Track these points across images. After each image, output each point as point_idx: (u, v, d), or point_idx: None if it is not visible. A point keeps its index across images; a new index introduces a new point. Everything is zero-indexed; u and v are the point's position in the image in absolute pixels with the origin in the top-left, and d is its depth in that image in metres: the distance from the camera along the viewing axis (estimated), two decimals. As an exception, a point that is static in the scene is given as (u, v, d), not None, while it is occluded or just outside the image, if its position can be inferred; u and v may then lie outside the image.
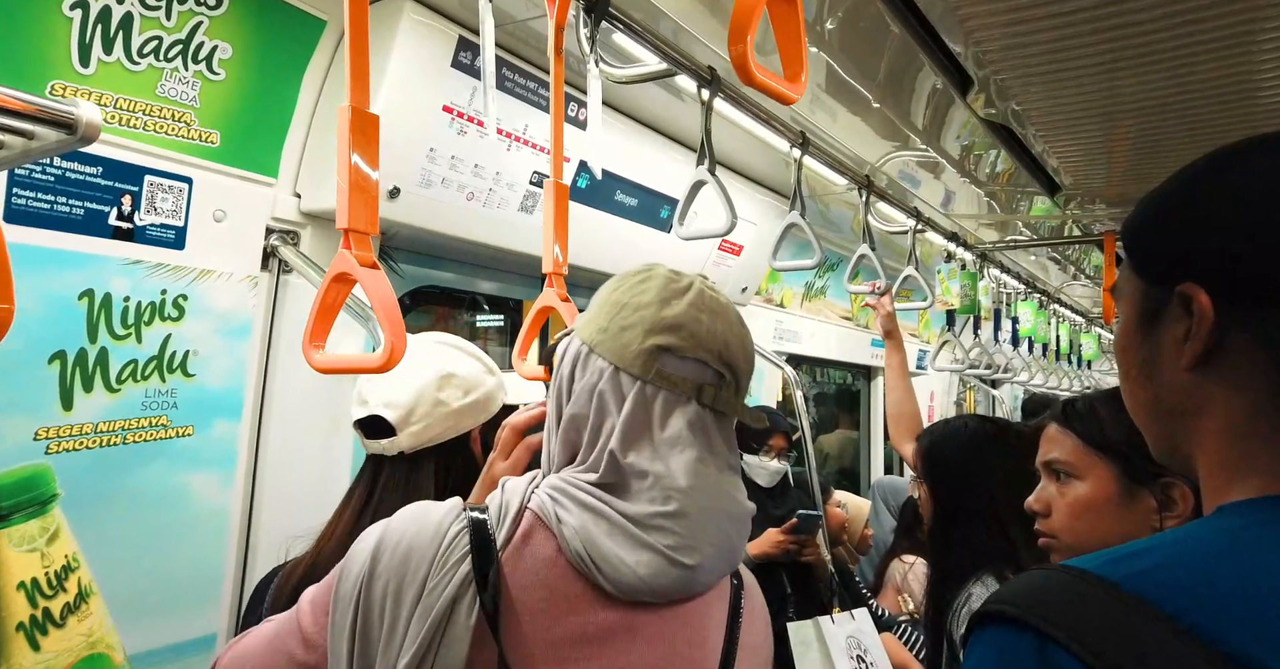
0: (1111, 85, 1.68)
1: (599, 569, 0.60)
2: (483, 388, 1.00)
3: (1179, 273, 0.48)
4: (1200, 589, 0.40)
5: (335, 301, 0.71)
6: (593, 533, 0.61)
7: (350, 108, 0.70)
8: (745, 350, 0.69)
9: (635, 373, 0.65)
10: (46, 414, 1.13)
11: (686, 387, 0.65)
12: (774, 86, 0.70)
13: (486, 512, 0.64)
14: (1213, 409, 0.48)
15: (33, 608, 1.11)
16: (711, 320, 0.67)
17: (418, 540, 0.61)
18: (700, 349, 0.66)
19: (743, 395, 0.70)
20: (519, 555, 0.61)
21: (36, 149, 0.83)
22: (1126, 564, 0.42)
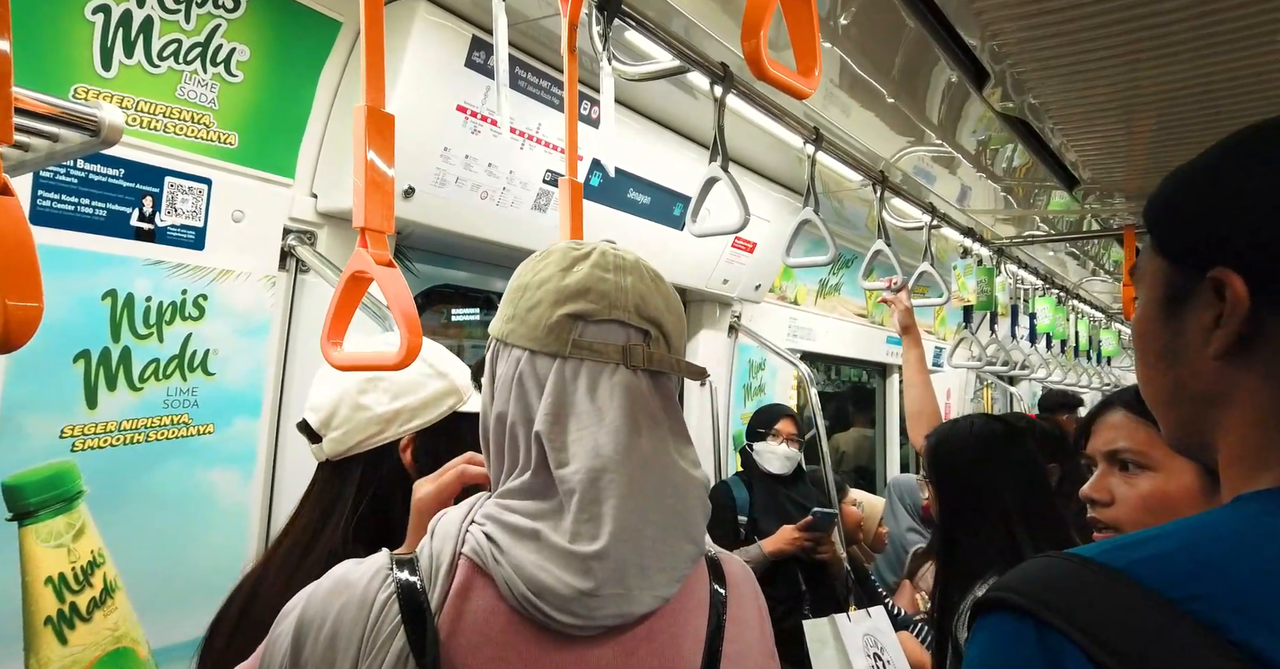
0: (1131, 76, 1.66)
1: (546, 607, 0.55)
2: (418, 393, 0.89)
3: (1210, 256, 0.46)
4: (1204, 576, 0.39)
5: (352, 299, 0.72)
6: (529, 568, 0.55)
7: (366, 107, 0.70)
8: (667, 302, 0.64)
9: (552, 350, 0.60)
10: (72, 412, 1.15)
11: (611, 352, 0.60)
12: (787, 81, 0.69)
13: (417, 566, 0.57)
14: (1240, 397, 0.46)
15: (60, 602, 1.14)
16: (620, 277, 0.63)
17: (342, 618, 0.55)
18: (614, 309, 0.61)
19: (677, 352, 0.65)
20: (458, 615, 0.56)
21: (61, 151, 0.85)
22: (1132, 551, 0.42)
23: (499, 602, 0.56)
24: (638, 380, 0.61)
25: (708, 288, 2.44)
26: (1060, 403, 3.34)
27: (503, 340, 0.65)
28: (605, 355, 0.60)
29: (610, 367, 0.61)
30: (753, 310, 2.80)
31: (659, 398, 0.62)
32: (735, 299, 2.64)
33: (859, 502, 2.52)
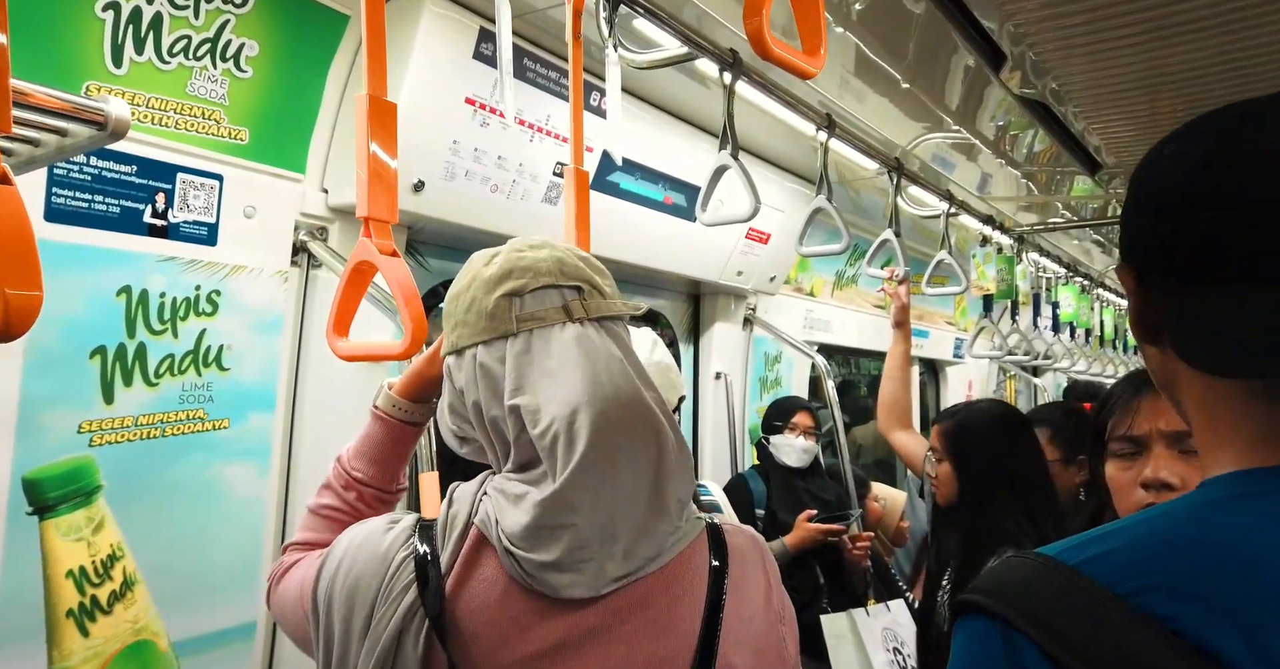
0: (1155, 54, 1.61)
1: (537, 573, 0.59)
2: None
3: (1122, 255, 0.52)
4: (1148, 570, 0.41)
5: (357, 290, 0.71)
6: (519, 540, 0.59)
7: (368, 96, 0.70)
8: (584, 259, 0.69)
9: (501, 332, 0.64)
10: (89, 407, 1.17)
11: (553, 314, 0.64)
12: (792, 60, 0.68)
13: (434, 531, 0.63)
14: (1181, 383, 0.50)
15: (81, 595, 1.15)
16: (535, 251, 0.68)
17: (365, 572, 0.61)
18: (541, 276, 0.65)
19: (613, 297, 0.68)
20: (464, 579, 0.60)
21: (70, 146, 0.85)
22: (1088, 548, 0.44)
23: (500, 571, 0.60)
24: (586, 331, 0.64)
25: (722, 280, 2.42)
26: (1087, 393, 3.28)
27: (455, 350, 0.67)
28: (548, 319, 0.64)
29: (558, 327, 0.64)
30: (768, 302, 2.77)
31: (612, 342, 0.66)
32: (750, 291, 2.61)
33: (880, 497, 2.50)
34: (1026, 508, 1.34)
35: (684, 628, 0.61)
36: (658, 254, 2.16)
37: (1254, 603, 0.38)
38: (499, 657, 0.58)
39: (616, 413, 0.61)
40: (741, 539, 0.69)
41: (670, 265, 2.24)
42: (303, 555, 0.74)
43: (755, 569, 0.68)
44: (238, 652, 1.34)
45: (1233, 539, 0.41)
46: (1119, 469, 0.93)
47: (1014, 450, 1.40)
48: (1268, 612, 0.38)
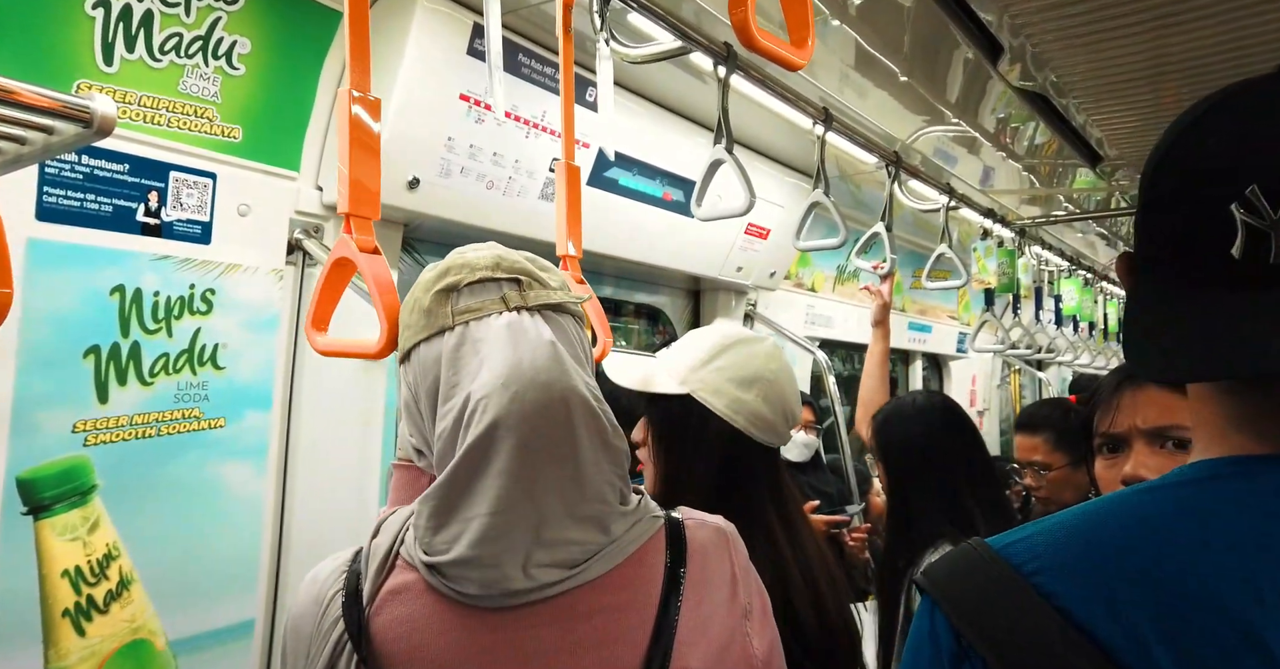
0: (1158, 43, 1.59)
1: (449, 575, 0.57)
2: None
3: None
4: (1051, 551, 0.45)
5: (336, 286, 0.71)
6: (438, 546, 0.58)
7: (350, 92, 0.69)
8: (528, 258, 0.69)
9: (438, 326, 0.63)
10: (83, 407, 1.17)
11: (490, 305, 0.63)
12: (778, 51, 0.67)
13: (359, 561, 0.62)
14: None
15: (77, 595, 1.15)
16: (475, 252, 0.68)
17: (304, 612, 0.61)
18: (477, 270, 0.65)
19: (556, 289, 0.67)
20: (390, 603, 0.58)
21: (57, 144, 0.85)
22: (1019, 532, 0.48)
23: (428, 592, 0.58)
24: (520, 318, 0.62)
25: (721, 276, 2.41)
26: (1091, 386, 3.26)
27: (404, 357, 0.66)
28: (484, 309, 0.63)
29: (493, 316, 0.62)
30: (769, 298, 2.76)
31: (549, 328, 0.63)
32: (750, 287, 2.60)
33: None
34: (951, 503, 1.31)
35: (634, 636, 0.58)
36: (657, 250, 2.16)
37: (1116, 579, 0.42)
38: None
39: (535, 396, 0.58)
40: (704, 533, 0.67)
41: (670, 261, 2.23)
42: None
43: (719, 564, 0.65)
44: (236, 650, 1.34)
45: (1125, 523, 0.45)
46: (1104, 466, 0.93)
47: (938, 442, 1.37)
48: (1124, 586, 0.42)
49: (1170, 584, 0.41)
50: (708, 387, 0.92)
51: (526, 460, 0.57)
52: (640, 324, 2.67)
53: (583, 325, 0.68)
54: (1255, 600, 0.39)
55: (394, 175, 1.46)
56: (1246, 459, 0.45)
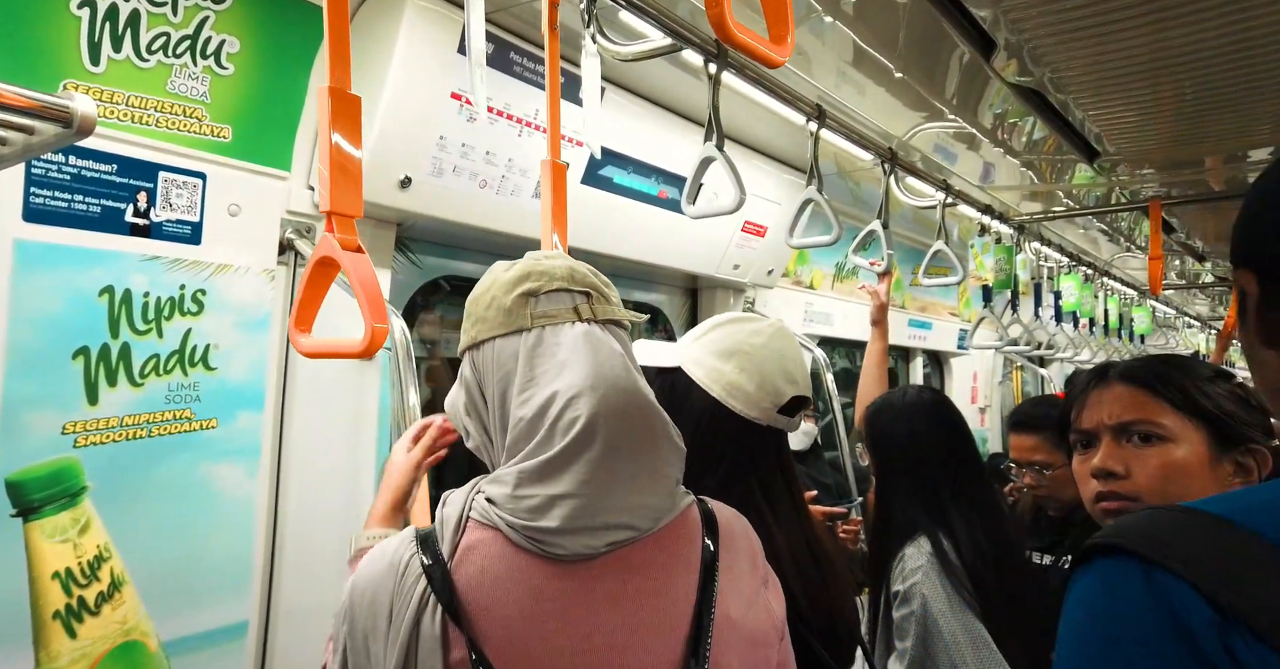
0: (1156, 39, 1.58)
1: (541, 538, 0.64)
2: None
3: (1240, 260, 0.52)
4: None
5: (320, 285, 0.70)
6: (524, 507, 0.65)
7: (329, 88, 0.69)
8: (593, 272, 0.77)
9: (516, 327, 0.70)
10: (73, 408, 1.16)
11: (565, 313, 0.71)
12: (756, 47, 0.66)
13: (433, 531, 0.68)
14: None
15: (67, 597, 1.15)
16: (551, 260, 0.75)
17: (379, 579, 0.67)
18: (555, 280, 0.73)
19: (616, 305, 0.76)
20: (467, 559, 0.65)
21: (38, 144, 0.85)
22: (1237, 501, 0.44)
23: (505, 544, 0.65)
24: (593, 329, 0.72)
25: (719, 274, 2.41)
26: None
27: (473, 344, 0.74)
28: (560, 316, 0.71)
29: (568, 325, 0.71)
30: (767, 296, 2.75)
31: (615, 341, 0.73)
32: (748, 285, 2.59)
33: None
34: (934, 498, 1.33)
35: (681, 584, 0.67)
36: (653, 248, 2.15)
37: None
38: (509, 618, 0.63)
39: (616, 398, 0.67)
40: (726, 511, 0.77)
41: (666, 259, 2.23)
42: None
43: (743, 536, 0.75)
44: (229, 652, 1.34)
45: None
46: (1079, 461, 0.98)
47: (924, 437, 1.39)
48: None
49: None
50: (693, 358, 0.97)
51: (612, 451, 0.66)
52: (639, 322, 2.66)
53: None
54: None
55: (386, 174, 1.46)
56: None
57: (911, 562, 1.29)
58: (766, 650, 0.68)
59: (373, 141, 1.40)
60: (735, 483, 0.91)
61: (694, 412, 0.94)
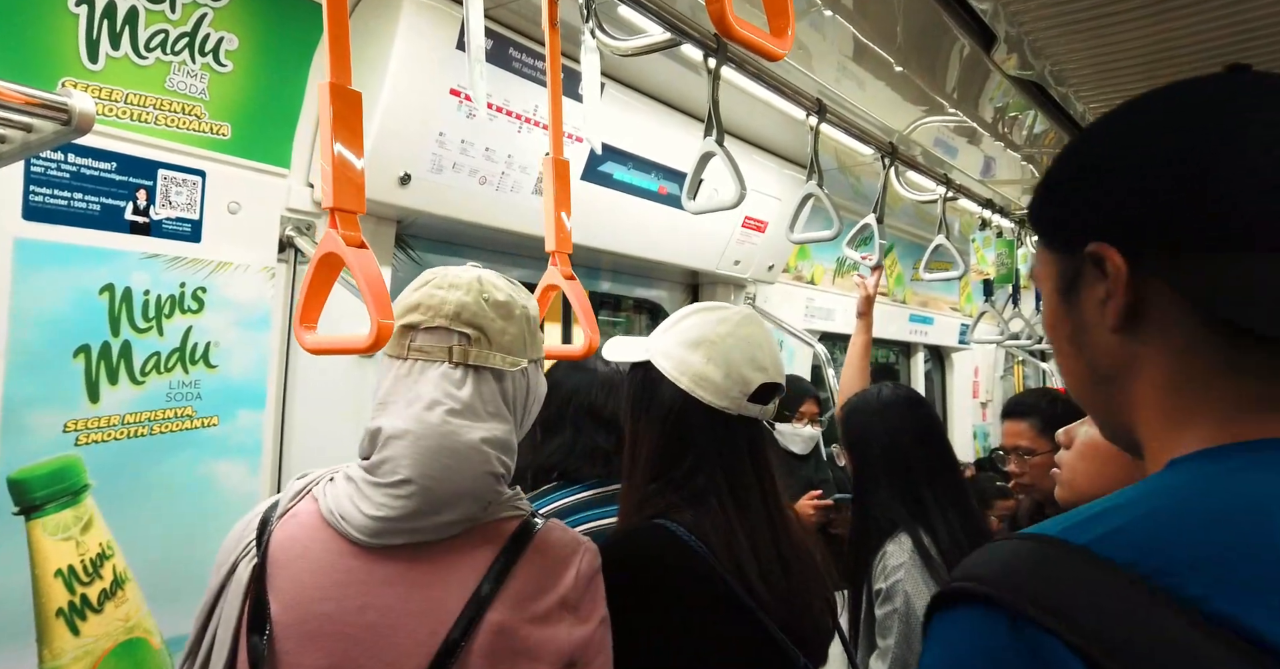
0: (1157, 31, 1.58)
1: (344, 519, 0.73)
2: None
3: (1084, 236, 0.48)
4: (1168, 547, 0.38)
5: (325, 282, 0.70)
6: (341, 494, 0.75)
7: (330, 84, 0.68)
8: (488, 305, 0.79)
9: (394, 354, 0.79)
10: (74, 407, 1.16)
11: (437, 352, 0.77)
12: (756, 41, 0.66)
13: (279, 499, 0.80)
14: (1146, 367, 0.47)
15: (70, 594, 1.15)
16: (448, 292, 0.79)
17: (232, 534, 0.80)
18: (439, 317, 0.77)
19: (504, 349, 0.79)
20: (287, 523, 0.77)
21: (36, 142, 0.84)
22: (1094, 525, 0.40)
23: (318, 518, 0.76)
24: (454, 372, 0.77)
25: (719, 270, 2.40)
26: None
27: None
28: (432, 355, 0.78)
29: (436, 363, 0.77)
30: (767, 291, 2.75)
31: (473, 386, 0.78)
32: (749, 280, 2.59)
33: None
34: (914, 494, 1.35)
35: (460, 587, 0.72)
36: (653, 244, 2.15)
37: (1271, 575, 0.36)
38: (301, 579, 0.73)
39: (430, 441, 0.74)
40: (559, 536, 0.80)
41: (667, 256, 2.22)
42: None
43: (559, 561, 0.77)
44: (232, 648, 1.34)
45: (1249, 511, 0.39)
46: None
47: (899, 434, 1.41)
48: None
49: None
50: (661, 350, 0.96)
51: (415, 486, 0.73)
52: (642, 318, 2.66)
53: (526, 375, 0.82)
54: None
55: (385, 171, 1.46)
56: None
57: (893, 559, 1.30)
58: (537, 665, 0.71)
59: (372, 138, 1.40)
60: (698, 473, 0.91)
61: (664, 404, 0.94)
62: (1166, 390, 0.46)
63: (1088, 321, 0.49)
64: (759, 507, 0.91)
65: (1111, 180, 0.47)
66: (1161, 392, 0.47)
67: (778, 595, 0.87)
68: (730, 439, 0.93)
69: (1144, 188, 0.45)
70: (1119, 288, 0.46)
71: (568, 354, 0.99)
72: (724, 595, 0.85)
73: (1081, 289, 0.49)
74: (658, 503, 0.91)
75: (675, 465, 0.93)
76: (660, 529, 0.87)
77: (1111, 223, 0.47)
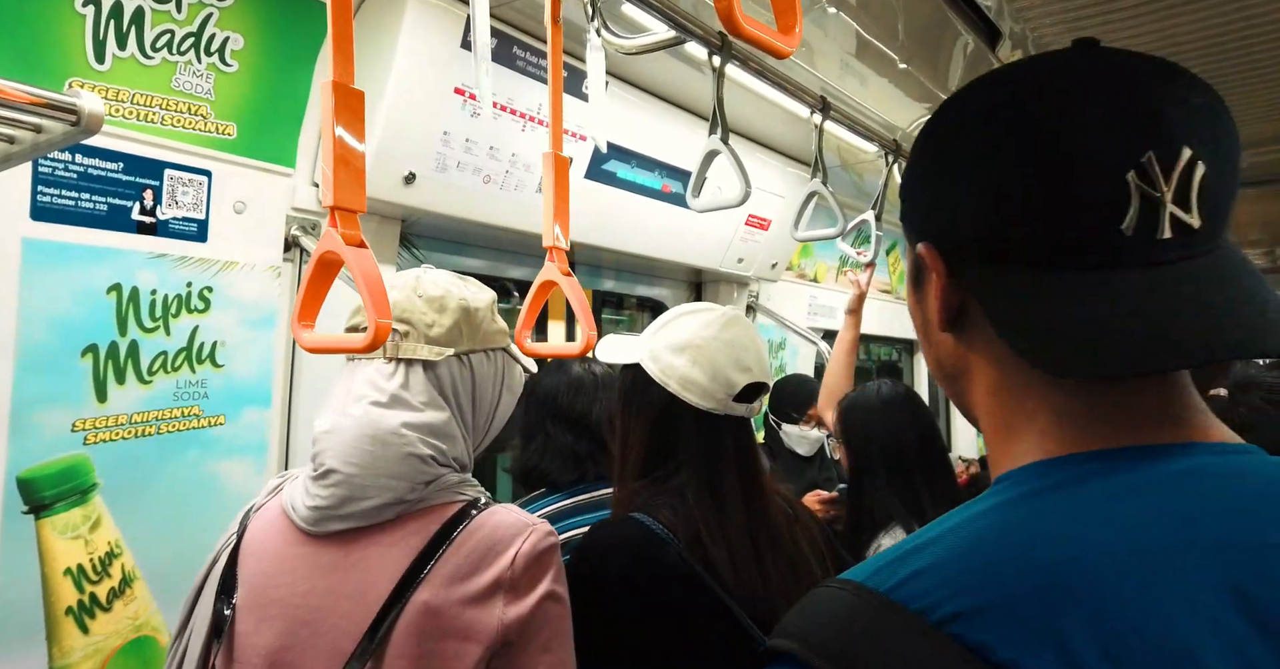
0: (1163, 27, 1.57)
1: (294, 510, 0.80)
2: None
3: (916, 232, 0.47)
4: (963, 590, 0.37)
5: (323, 281, 0.70)
6: (296, 489, 0.82)
7: (332, 83, 0.68)
8: (421, 300, 0.84)
9: (348, 357, 0.85)
10: (82, 406, 1.17)
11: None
12: (764, 38, 0.66)
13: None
14: (977, 371, 0.46)
15: (80, 593, 1.16)
16: (392, 292, 0.83)
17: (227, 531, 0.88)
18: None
19: (432, 341, 0.83)
20: (260, 516, 0.85)
21: (45, 142, 0.85)
22: (901, 567, 0.40)
23: (280, 512, 0.83)
24: (386, 366, 0.83)
25: (722, 268, 2.40)
26: None
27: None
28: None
29: (371, 360, 0.84)
30: (770, 289, 2.75)
31: (401, 377, 0.82)
32: (752, 278, 2.59)
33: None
34: (910, 489, 1.40)
35: (391, 568, 0.76)
36: (657, 243, 2.15)
37: (1067, 619, 0.35)
38: (261, 566, 0.80)
39: (355, 431, 0.79)
40: (499, 520, 0.80)
41: (670, 254, 2.22)
42: None
43: (491, 543, 0.78)
44: (240, 646, 1.34)
45: (1041, 543, 0.38)
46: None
47: (897, 429, 1.45)
48: (1082, 626, 0.34)
49: (1116, 615, 0.34)
50: (650, 354, 0.99)
51: (346, 473, 0.78)
52: (644, 317, 2.66)
53: (474, 359, 0.86)
54: (1191, 613, 0.34)
55: (390, 171, 1.46)
56: (1105, 453, 0.40)
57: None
58: (464, 645, 0.73)
59: (377, 138, 1.40)
60: (681, 471, 0.95)
61: (652, 405, 0.98)
62: (995, 397, 0.45)
63: (929, 317, 0.48)
64: (737, 500, 0.94)
65: (932, 180, 0.45)
66: (992, 398, 0.45)
67: (748, 584, 0.89)
68: (716, 438, 0.97)
69: (954, 192, 0.43)
70: (937, 291, 0.45)
71: (566, 352, 1.00)
72: (690, 583, 0.87)
73: (924, 285, 0.48)
74: (639, 499, 0.94)
75: (661, 464, 0.97)
76: (631, 521, 0.91)
77: (930, 225, 0.46)
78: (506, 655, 0.74)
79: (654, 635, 0.86)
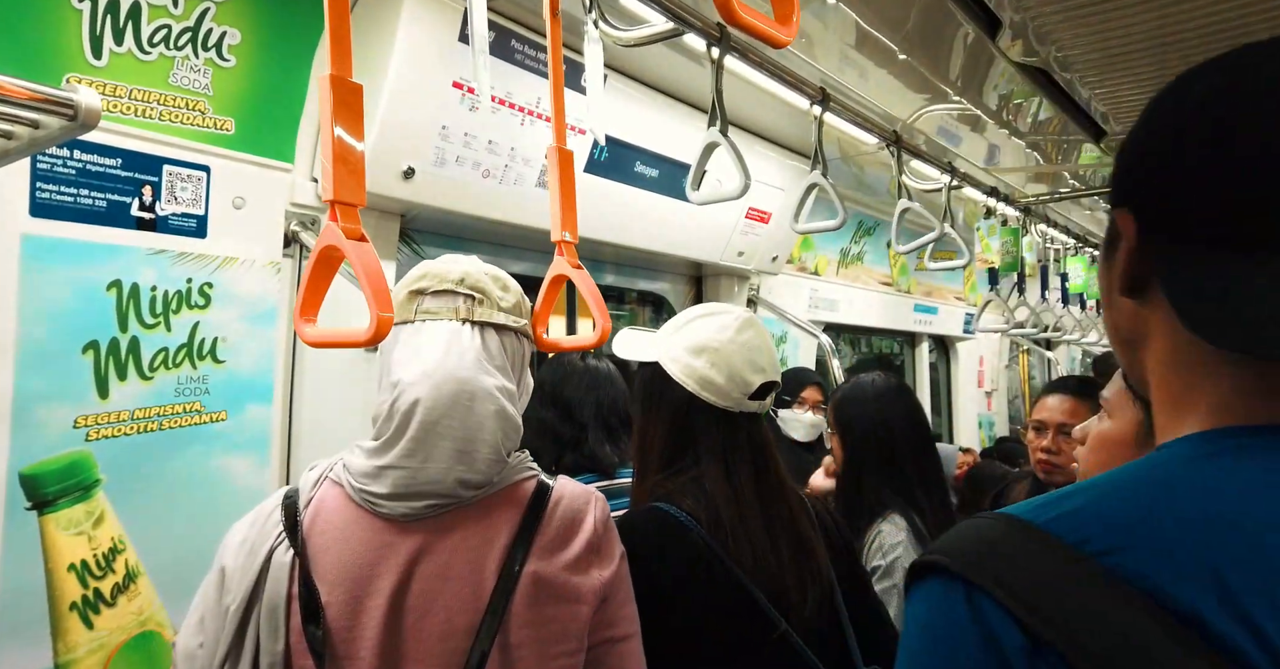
0: (1162, 15, 1.56)
1: (372, 499, 0.77)
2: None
3: (1119, 198, 0.49)
4: (1121, 527, 0.40)
5: (324, 275, 0.70)
6: (362, 473, 0.78)
7: (330, 77, 0.68)
8: (487, 276, 0.86)
9: (403, 319, 0.82)
10: (84, 402, 1.17)
11: (445, 311, 0.82)
12: (762, 27, 0.66)
13: (298, 489, 0.82)
14: (1153, 339, 0.47)
15: (84, 588, 1.16)
16: (450, 264, 0.86)
17: (246, 526, 0.81)
18: (445, 282, 0.83)
19: (505, 310, 0.85)
20: (317, 510, 0.79)
21: (43, 138, 0.85)
22: (1055, 507, 0.42)
23: (346, 500, 0.79)
24: (462, 329, 0.82)
25: (723, 261, 2.40)
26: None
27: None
28: (441, 314, 0.82)
29: (445, 322, 0.82)
30: (771, 283, 2.74)
31: (481, 341, 0.82)
32: (752, 272, 2.59)
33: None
34: (902, 481, 1.44)
35: (493, 546, 0.77)
36: (657, 236, 2.14)
37: (1225, 561, 0.37)
38: (343, 561, 0.75)
39: (449, 387, 0.77)
40: (571, 491, 0.84)
41: (670, 247, 2.22)
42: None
43: (574, 512, 0.82)
44: (244, 640, 1.35)
45: (1202, 496, 0.40)
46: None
47: (890, 420, 1.49)
48: (1240, 570, 0.36)
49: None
50: (669, 354, 1.05)
51: (431, 432, 0.76)
52: (645, 311, 2.66)
53: (525, 338, 0.88)
54: None
55: (389, 165, 1.46)
56: (1271, 428, 0.42)
57: (890, 537, 1.37)
58: (576, 607, 0.78)
59: (375, 133, 1.40)
60: (700, 463, 1.01)
61: (672, 402, 1.04)
62: (1169, 367, 0.47)
63: (1112, 282, 0.50)
64: (752, 489, 0.99)
65: (1146, 149, 0.47)
66: (1165, 368, 0.47)
67: (764, 566, 0.95)
68: (732, 432, 1.03)
69: (1163, 166, 0.45)
70: (1123, 254, 0.47)
71: (581, 344, 1.00)
72: (710, 563, 0.93)
73: (1115, 250, 0.50)
74: (663, 490, 1.00)
75: (681, 457, 1.03)
76: (656, 510, 0.97)
77: (1135, 193, 0.48)
78: (603, 610, 0.80)
79: (678, 611, 0.92)
